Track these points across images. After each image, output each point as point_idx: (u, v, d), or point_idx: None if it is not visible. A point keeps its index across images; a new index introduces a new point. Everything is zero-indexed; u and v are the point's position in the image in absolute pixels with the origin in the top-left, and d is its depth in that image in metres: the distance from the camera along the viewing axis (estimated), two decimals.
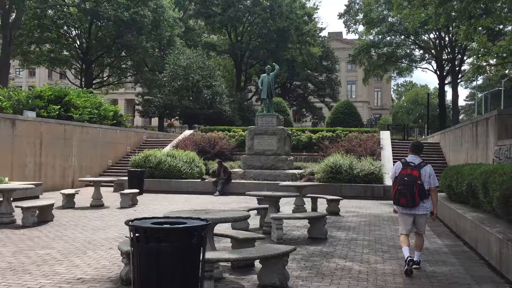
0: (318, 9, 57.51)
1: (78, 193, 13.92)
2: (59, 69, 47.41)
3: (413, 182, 6.35)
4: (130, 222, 4.05)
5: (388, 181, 18.07)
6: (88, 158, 21.82)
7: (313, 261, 7.07)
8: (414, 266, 6.48)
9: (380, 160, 20.88)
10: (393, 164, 20.27)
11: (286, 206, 14.19)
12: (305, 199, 13.55)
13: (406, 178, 6.41)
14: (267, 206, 9.85)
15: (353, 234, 9.62)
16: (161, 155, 19.97)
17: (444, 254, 7.89)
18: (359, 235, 9.52)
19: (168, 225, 4.21)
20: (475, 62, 30.81)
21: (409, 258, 6.38)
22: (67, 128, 20.21)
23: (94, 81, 44.38)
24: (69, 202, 13.34)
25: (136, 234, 3.92)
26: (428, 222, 11.16)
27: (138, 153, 21.10)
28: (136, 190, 14.47)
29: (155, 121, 58.80)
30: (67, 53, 41.78)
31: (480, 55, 30.20)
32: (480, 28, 27.35)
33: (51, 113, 20.23)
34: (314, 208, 13.29)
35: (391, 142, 25.36)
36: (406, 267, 6.37)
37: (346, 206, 14.71)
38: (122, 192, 13.64)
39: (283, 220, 8.72)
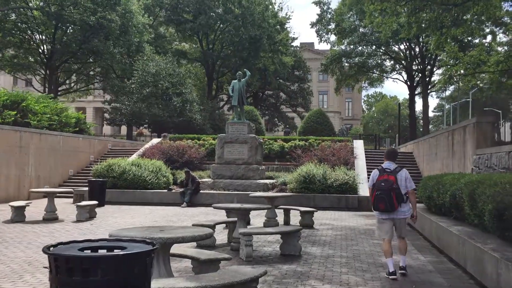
0: (290, 19, 57.35)
1: (28, 205, 12.70)
2: (24, 76, 45.39)
3: (390, 187, 6.55)
4: (50, 248, 3.12)
5: (363, 192, 17.49)
6: (46, 168, 20.46)
7: (287, 284, 6.22)
8: (401, 271, 6.79)
9: (354, 169, 20.29)
10: (367, 174, 19.86)
11: (257, 218, 13.34)
12: (277, 210, 12.74)
13: (383, 184, 6.62)
14: (236, 219, 8.99)
15: (329, 250, 8.83)
16: (126, 164, 18.84)
17: (430, 273, 7.16)
18: (335, 251, 8.74)
19: (105, 251, 3.32)
20: (446, 72, 30.81)
21: (393, 271, 6.61)
22: (23, 135, 18.86)
23: (60, 88, 42.68)
24: (18, 216, 12.11)
25: (58, 264, 2.99)
26: (408, 236, 10.51)
27: (101, 162, 19.89)
28: (95, 202, 13.33)
29: (124, 129, 57.09)
30: (31, 59, 39.99)
31: (450, 66, 30.26)
32: (449, 40, 27.37)
33: (6, 119, 18.84)
34: (287, 221, 12.49)
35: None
36: (395, 276, 6.57)
37: (320, 218, 13.96)
38: (79, 204, 12.50)
39: (253, 235, 7.86)
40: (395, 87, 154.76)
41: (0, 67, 37.92)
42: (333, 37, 47.70)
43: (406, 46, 45.65)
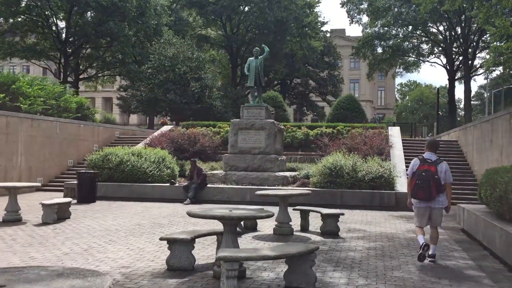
0: (320, 2, 53.52)
1: None
2: (40, 63, 43.58)
3: (431, 177, 6.70)
4: None
5: (401, 187, 14.52)
6: (40, 157, 18.28)
7: None
8: (430, 259, 6.85)
9: (390, 160, 17.30)
10: (406, 165, 16.84)
11: (268, 221, 10.63)
12: (294, 211, 10.05)
13: (423, 174, 6.77)
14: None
15: (359, 277, 6.03)
16: (124, 153, 16.40)
17: None
18: (368, 280, 5.92)
19: None
20: (494, 50, 27.20)
21: (424, 243, 6.69)
22: (10, 120, 16.67)
23: (80, 76, 40.84)
24: None
25: None
26: (469, 252, 7.61)
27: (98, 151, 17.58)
28: (68, 199, 10.88)
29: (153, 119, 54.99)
30: (46, 45, 38.17)
31: (500, 41, 26.70)
32: (493, 22, 23.93)
33: None
34: (305, 226, 9.74)
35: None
36: (420, 251, 6.73)
37: (349, 220, 11.15)
38: (44, 202, 10.08)
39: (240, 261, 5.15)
40: (431, 75, 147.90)
41: (12, 53, 35.99)
42: (365, 18, 44.35)
43: (446, 26, 41.74)
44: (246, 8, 46.40)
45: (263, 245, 7.98)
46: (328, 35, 59.40)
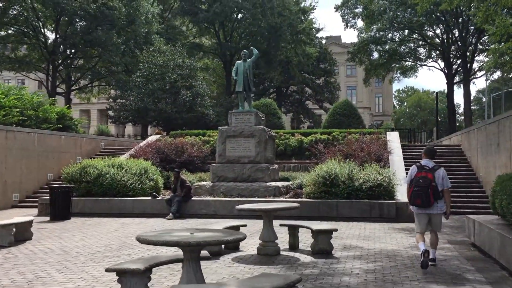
0: (315, 9, 52.59)
1: None
2: (34, 75, 42.46)
3: (428, 184, 6.80)
4: None
5: (401, 196, 13.37)
6: (16, 171, 17.11)
7: None
8: (430, 262, 6.82)
9: (389, 167, 16.17)
10: (405, 172, 15.73)
11: (253, 238, 9.47)
12: (281, 227, 8.92)
13: (421, 181, 6.86)
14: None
15: None
16: (103, 165, 15.24)
17: None
18: None
19: None
20: (495, 51, 26.20)
21: (424, 249, 6.66)
22: None
23: (72, 87, 39.77)
24: None
25: None
26: (484, 272, 6.47)
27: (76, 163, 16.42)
28: (29, 218, 9.71)
29: (150, 130, 53.76)
30: (35, 56, 37.20)
31: (499, 42, 25.70)
32: (492, 22, 22.98)
33: None
34: (294, 244, 8.58)
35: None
36: (422, 259, 6.63)
37: (344, 235, 9.99)
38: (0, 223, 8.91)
39: None
40: (429, 80, 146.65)
41: None
42: (360, 23, 43.43)
43: (443, 29, 40.82)
44: (239, 15, 45.51)
45: (243, 270, 6.83)
46: (323, 41, 58.55)
